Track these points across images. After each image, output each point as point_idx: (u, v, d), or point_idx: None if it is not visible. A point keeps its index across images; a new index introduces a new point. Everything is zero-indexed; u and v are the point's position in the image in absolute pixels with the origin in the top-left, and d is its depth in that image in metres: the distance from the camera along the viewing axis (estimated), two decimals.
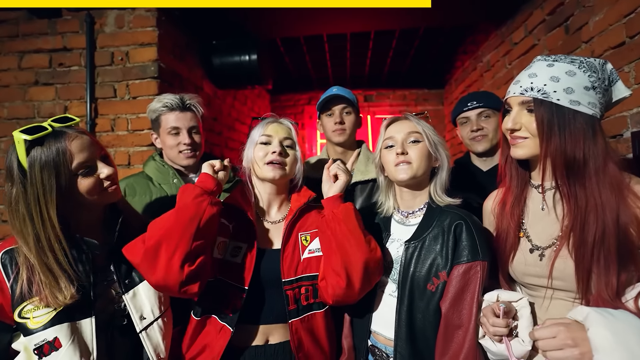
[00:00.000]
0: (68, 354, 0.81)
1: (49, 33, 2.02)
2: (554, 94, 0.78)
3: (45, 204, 0.82)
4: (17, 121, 2.04)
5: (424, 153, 1.00)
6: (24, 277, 0.82)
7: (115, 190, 0.94)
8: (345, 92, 1.49)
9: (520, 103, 0.83)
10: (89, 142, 0.90)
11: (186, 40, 2.32)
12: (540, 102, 0.79)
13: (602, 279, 0.71)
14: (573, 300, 0.79)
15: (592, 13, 1.62)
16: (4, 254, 0.85)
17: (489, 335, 0.83)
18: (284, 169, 1.04)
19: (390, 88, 4.35)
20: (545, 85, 0.79)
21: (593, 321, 0.65)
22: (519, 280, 0.89)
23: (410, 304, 0.93)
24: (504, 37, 2.56)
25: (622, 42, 1.44)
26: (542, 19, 2.05)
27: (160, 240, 0.88)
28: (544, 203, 0.86)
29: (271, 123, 1.09)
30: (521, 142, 0.84)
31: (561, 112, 0.77)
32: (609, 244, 0.72)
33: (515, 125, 0.83)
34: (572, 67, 0.79)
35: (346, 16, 2.46)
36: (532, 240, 0.86)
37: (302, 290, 1.00)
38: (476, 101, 1.48)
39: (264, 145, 1.06)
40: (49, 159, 0.82)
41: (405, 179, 0.99)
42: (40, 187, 0.81)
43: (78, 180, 0.87)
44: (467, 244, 0.91)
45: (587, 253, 0.73)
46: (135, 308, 0.93)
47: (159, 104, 1.41)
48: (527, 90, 0.81)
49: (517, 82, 0.85)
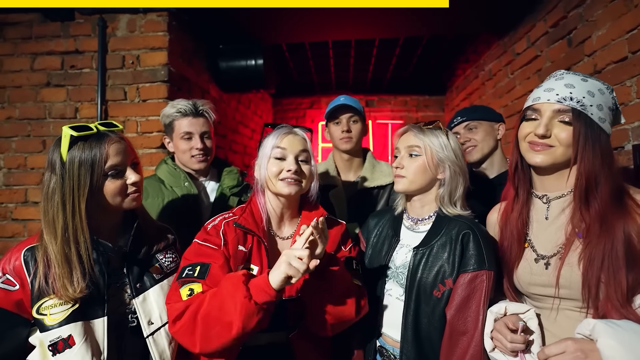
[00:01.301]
0: (80, 352, 0.83)
1: (62, 36, 2.05)
2: (590, 108, 0.79)
3: (78, 197, 0.87)
4: (28, 122, 2.06)
5: (420, 168, 1.02)
6: (40, 273, 0.86)
7: (137, 198, 0.97)
8: (353, 102, 1.53)
9: (556, 111, 0.82)
10: (125, 147, 0.95)
11: (194, 44, 2.36)
12: (579, 114, 0.79)
13: (611, 284, 0.73)
14: (580, 310, 0.80)
15: (595, 27, 1.66)
16: (26, 251, 0.89)
17: (503, 350, 0.84)
18: (299, 185, 1.00)
19: (392, 94, 4.40)
20: (584, 97, 0.80)
21: (601, 332, 0.67)
22: (525, 290, 0.90)
23: (417, 308, 0.96)
24: (506, 47, 2.61)
25: (625, 57, 1.48)
26: (544, 31, 2.10)
27: (215, 352, 0.87)
28: (548, 212, 0.88)
29: (286, 135, 1.02)
30: (546, 150, 0.83)
31: (593, 128, 0.79)
32: (618, 251, 0.75)
33: (547, 132, 0.82)
34: (601, 85, 0.82)
35: (352, 23, 2.51)
36: (536, 249, 0.88)
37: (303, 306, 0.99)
38: (460, 116, 1.55)
39: (278, 161, 1.00)
40: (88, 157, 0.88)
41: (399, 191, 1.06)
42: (76, 181, 0.87)
43: (107, 182, 0.91)
44: (474, 253, 0.93)
45: (597, 261, 0.76)
46: (144, 312, 0.95)
47: (172, 109, 1.44)
48: (565, 99, 0.80)
49: (549, 89, 0.84)
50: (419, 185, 1.03)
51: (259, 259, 1.00)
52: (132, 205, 0.97)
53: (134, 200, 0.96)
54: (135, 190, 0.96)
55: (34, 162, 2.05)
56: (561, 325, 0.83)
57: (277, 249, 1.05)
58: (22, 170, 2.06)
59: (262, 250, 1.00)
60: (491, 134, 1.50)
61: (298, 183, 1.00)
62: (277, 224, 1.07)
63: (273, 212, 1.06)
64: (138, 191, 0.97)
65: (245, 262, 0.99)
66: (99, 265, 0.92)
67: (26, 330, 0.89)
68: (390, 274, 1.05)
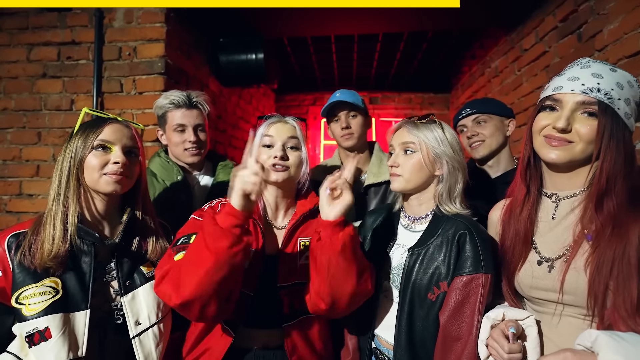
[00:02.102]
0: (56, 346, 0.80)
1: (59, 26, 2.02)
2: (618, 101, 0.72)
3: (73, 167, 0.91)
4: (24, 113, 2.04)
5: (417, 166, 0.97)
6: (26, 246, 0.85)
7: (118, 181, 0.91)
8: (349, 96, 1.46)
9: (581, 103, 0.74)
10: (122, 129, 0.95)
11: (193, 37, 2.32)
12: (605, 108, 0.72)
13: (620, 293, 0.68)
14: (584, 317, 0.75)
15: (607, 21, 1.59)
16: (11, 237, 0.86)
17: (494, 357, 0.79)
18: (287, 171, 1.00)
19: (396, 91, 4.34)
20: (612, 89, 0.72)
21: (602, 345, 0.62)
22: (525, 294, 0.85)
23: (411, 311, 0.92)
24: (514, 43, 2.54)
25: (638, 51, 1.42)
26: (554, 25, 2.03)
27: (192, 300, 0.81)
28: (557, 212, 0.82)
29: (274, 123, 1.04)
30: (565, 145, 0.76)
31: (619, 124, 0.72)
32: (630, 257, 0.69)
33: (567, 125, 0.75)
34: (630, 78, 0.74)
35: (354, 18, 2.45)
36: (540, 251, 0.82)
37: (296, 294, 0.99)
38: (469, 108, 1.46)
39: (266, 148, 1.02)
40: (87, 130, 0.92)
41: (396, 190, 1.01)
42: (73, 150, 0.91)
43: (90, 154, 0.91)
44: (470, 255, 0.88)
45: (607, 266, 0.70)
46: (132, 312, 0.91)
47: (165, 100, 1.40)
48: (592, 90, 0.73)
49: (574, 78, 0.76)
50: (416, 184, 0.99)
51: (255, 240, 0.99)
52: (109, 188, 0.90)
53: (112, 183, 0.90)
54: (115, 172, 0.90)
55: (29, 154, 2.03)
56: (562, 332, 0.77)
57: (274, 237, 1.05)
58: (16, 162, 2.04)
59: (258, 232, 1.00)
60: (501, 130, 1.41)
61: (285, 169, 1.00)
62: (273, 214, 1.07)
63: (268, 202, 1.07)
64: (121, 174, 0.91)
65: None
66: (87, 256, 0.89)
67: (10, 318, 0.86)
68: (386, 275, 1.01)
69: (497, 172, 1.45)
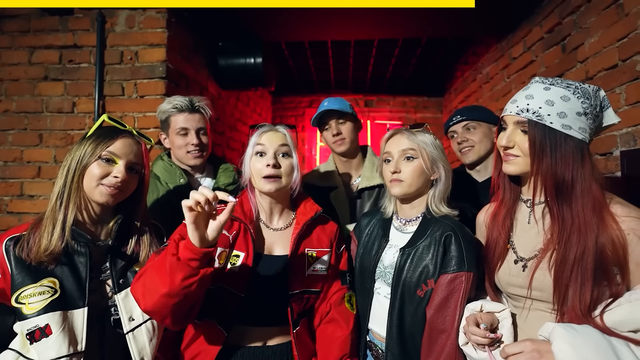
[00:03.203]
0: (57, 341, 0.84)
1: (60, 30, 2.05)
2: (547, 117, 0.82)
3: (80, 166, 0.95)
4: (25, 115, 2.07)
5: (418, 171, 1.03)
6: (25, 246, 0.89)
7: (112, 194, 0.95)
8: (336, 104, 1.50)
9: (516, 122, 0.86)
10: (132, 145, 1.00)
11: (193, 40, 2.36)
12: (535, 124, 0.82)
13: (577, 294, 0.76)
14: (551, 311, 0.83)
15: (588, 34, 1.68)
16: (8, 240, 0.90)
17: (472, 343, 0.88)
18: (279, 181, 1.03)
19: (391, 94, 4.42)
20: (540, 108, 0.82)
21: (557, 336, 0.70)
22: (504, 289, 0.93)
23: (401, 307, 0.99)
24: (504, 51, 2.63)
25: (615, 64, 1.51)
26: (540, 36, 2.12)
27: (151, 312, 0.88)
28: (531, 216, 0.90)
29: (266, 132, 1.08)
30: (512, 159, 0.88)
31: (553, 135, 0.81)
32: (587, 263, 0.76)
33: (509, 143, 0.87)
34: (567, 92, 0.83)
35: (351, 24, 2.52)
36: (517, 251, 0.90)
37: (303, 300, 1.04)
38: (460, 115, 1.54)
39: (259, 157, 1.05)
40: (100, 137, 0.97)
41: (398, 196, 1.07)
42: (82, 154, 0.95)
43: (94, 163, 0.95)
44: (455, 255, 0.96)
45: (567, 269, 0.78)
46: (126, 309, 0.95)
47: (168, 105, 1.46)
48: (522, 110, 0.84)
49: (514, 101, 0.88)
50: (417, 188, 1.05)
51: (245, 245, 1.02)
52: (102, 199, 0.95)
53: (106, 194, 0.95)
54: (112, 184, 0.95)
55: (30, 156, 2.06)
56: (532, 324, 0.85)
57: (269, 239, 1.09)
58: (18, 164, 2.06)
59: (248, 237, 1.03)
60: (489, 136, 1.49)
61: (277, 179, 1.03)
62: (267, 217, 1.11)
63: (263, 207, 1.11)
64: (117, 189, 0.95)
65: (230, 248, 1.02)
66: (83, 256, 0.93)
67: (11, 318, 0.90)
68: (379, 273, 1.08)
69: (484, 177, 1.53)
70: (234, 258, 1.01)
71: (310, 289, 1.06)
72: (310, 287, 1.05)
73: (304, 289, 1.04)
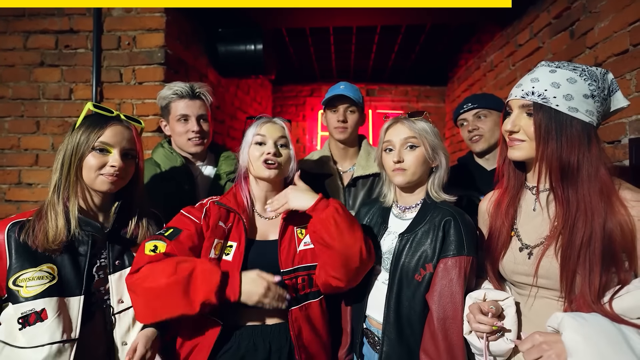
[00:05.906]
0: (52, 327, 0.85)
1: (56, 14, 2.00)
2: (553, 99, 0.80)
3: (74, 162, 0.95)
4: (21, 101, 2.03)
5: (420, 159, 1.03)
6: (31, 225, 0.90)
7: (113, 182, 0.97)
8: (351, 92, 1.50)
9: (521, 106, 0.84)
10: (122, 131, 0.99)
11: (192, 27, 2.31)
12: (540, 107, 0.81)
13: (585, 281, 0.74)
14: (557, 299, 0.82)
15: (597, 19, 1.64)
16: (12, 225, 0.91)
17: (474, 332, 0.87)
18: (278, 168, 1.08)
19: (393, 83, 4.36)
20: (545, 90, 0.80)
21: (566, 326, 0.69)
22: (508, 278, 0.92)
23: (399, 292, 0.99)
24: (509, 38, 2.58)
25: (626, 49, 1.47)
26: (548, 22, 2.07)
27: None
28: (537, 204, 0.89)
29: (265, 123, 1.12)
30: (518, 144, 0.86)
31: (559, 118, 0.79)
32: (595, 248, 0.75)
33: (514, 127, 0.85)
34: (573, 74, 0.81)
35: (353, 10, 2.46)
36: (522, 239, 0.89)
37: (299, 280, 1.05)
38: (471, 102, 1.52)
39: (258, 146, 1.09)
40: (90, 128, 0.96)
41: (401, 184, 1.06)
42: (75, 145, 0.95)
43: (90, 154, 0.95)
44: (454, 239, 0.96)
45: (574, 255, 0.76)
46: (117, 290, 0.97)
47: (169, 91, 1.42)
48: (528, 94, 0.82)
49: (519, 85, 0.86)
50: (419, 176, 1.05)
51: (237, 235, 1.06)
52: (104, 188, 0.97)
53: (107, 183, 0.96)
54: (112, 174, 0.96)
55: (27, 143, 2.03)
56: (538, 312, 0.85)
57: (263, 228, 1.12)
58: (15, 151, 2.03)
59: (240, 227, 1.07)
60: (499, 125, 1.46)
61: (277, 166, 1.08)
62: (261, 207, 1.14)
63: (257, 196, 1.15)
64: (114, 175, 0.96)
65: (225, 240, 1.06)
66: (84, 246, 0.94)
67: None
68: (378, 260, 1.08)
69: (493, 165, 1.52)
70: (227, 248, 1.05)
71: (304, 265, 1.07)
72: (303, 262, 1.07)
73: (297, 266, 1.05)
